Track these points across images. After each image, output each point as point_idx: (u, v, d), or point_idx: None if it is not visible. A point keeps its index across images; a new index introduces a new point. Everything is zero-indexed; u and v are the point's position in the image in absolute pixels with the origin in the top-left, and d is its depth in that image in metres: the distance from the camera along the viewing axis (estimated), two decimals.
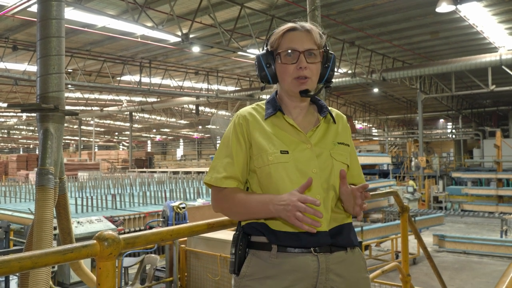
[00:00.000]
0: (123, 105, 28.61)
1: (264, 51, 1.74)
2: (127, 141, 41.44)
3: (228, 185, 1.63)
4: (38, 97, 3.69)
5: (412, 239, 9.25)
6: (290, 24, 1.71)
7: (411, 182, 20.69)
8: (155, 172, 24.63)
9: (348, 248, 1.63)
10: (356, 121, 36.51)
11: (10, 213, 9.58)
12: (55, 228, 3.95)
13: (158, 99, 27.93)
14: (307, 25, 1.71)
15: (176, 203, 7.48)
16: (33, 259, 1.19)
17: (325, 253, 1.56)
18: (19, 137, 51.79)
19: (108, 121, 41.21)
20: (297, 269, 1.54)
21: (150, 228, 8.18)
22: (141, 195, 11.88)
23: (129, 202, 11.14)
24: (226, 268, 5.33)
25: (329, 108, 1.78)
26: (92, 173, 22.19)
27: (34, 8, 10.78)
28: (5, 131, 45.56)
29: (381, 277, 3.43)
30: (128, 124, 33.10)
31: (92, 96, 26.87)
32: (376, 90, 26.32)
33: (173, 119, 37.53)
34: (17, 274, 3.73)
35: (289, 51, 1.65)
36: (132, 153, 33.89)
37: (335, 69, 1.77)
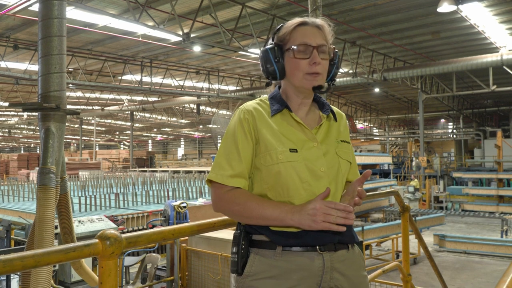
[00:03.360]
0: (124, 105, 28.62)
1: (272, 45, 1.67)
2: (128, 140, 41.46)
3: (235, 184, 1.57)
4: (39, 96, 3.69)
5: (412, 239, 9.23)
6: (300, 19, 1.67)
7: (415, 182, 20.68)
8: (156, 171, 24.64)
9: (349, 246, 1.61)
10: (357, 121, 36.50)
11: (10, 217, 9.57)
12: (56, 227, 3.96)
13: (159, 99, 27.95)
14: (318, 21, 1.67)
15: (177, 203, 7.48)
16: (36, 258, 1.19)
17: (330, 252, 1.55)
18: (20, 136, 51.80)
19: (109, 121, 41.22)
20: (302, 268, 1.51)
21: (153, 226, 8.19)
22: (143, 194, 11.90)
23: (132, 201, 11.16)
24: (227, 267, 5.33)
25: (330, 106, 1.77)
26: (93, 172, 22.20)
27: (35, 7, 10.79)
28: (6, 130, 45.58)
29: (382, 276, 3.43)
30: (129, 124, 33.11)
31: (93, 95, 26.89)
32: (377, 90, 26.31)
33: (174, 119, 37.54)
34: (19, 273, 3.74)
35: (302, 45, 1.60)
36: (133, 153, 33.90)
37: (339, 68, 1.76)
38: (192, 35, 12.46)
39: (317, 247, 1.53)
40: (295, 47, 1.61)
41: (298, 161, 1.57)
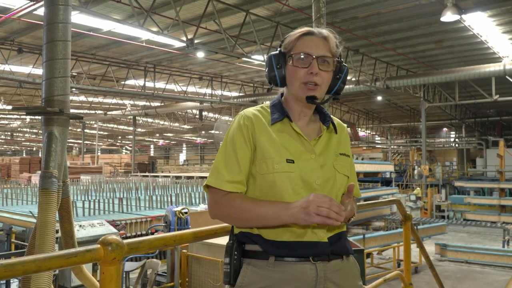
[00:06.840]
0: (127, 109, 28.64)
1: (277, 52, 1.67)
2: (130, 145, 41.52)
3: (233, 189, 1.56)
4: (43, 100, 3.70)
5: (414, 248, 9.19)
6: (307, 28, 1.66)
7: (417, 190, 20.62)
8: (157, 176, 24.64)
9: (344, 256, 1.61)
10: (359, 129, 36.48)
11: (14, 216, 9.58)
12: (57, 231, 3.95)
13: (162, 104, 27.97)
14: (325, 31, 1.65)
15: (179, 208, 7.47)
16: (37, 263, 1.18)
17: (323, 262, 1.54)
18: (22, 139, 51.87)
19: (111, 125, 41.27)
20: (295, 278, 1.50)
21: (156, 231, 8.19)
22: (146, 199, 11.92)
23: (136, 206, 11.18)
24: None
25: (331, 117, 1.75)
26: (94, 177, 22.22)
27: (40, 12, 10.83)
28: (9, 133, 45.65)
29: (383, 285, 3.42)
30: (131, 128, 33.17)
31: (96, 99, 26.94)
32: (379, 98, 26.31)
33: (177, 124, 37.56)
34: (19, 277, 3.73)
35: (302, 54, 1.59)
36: (135, 157, 33.91)
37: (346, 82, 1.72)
38: (195, 41, 12.48)
39: (310, 257, 1.52)
40: (295, 55, 1.61)
41: (294, 172, 1.55)
